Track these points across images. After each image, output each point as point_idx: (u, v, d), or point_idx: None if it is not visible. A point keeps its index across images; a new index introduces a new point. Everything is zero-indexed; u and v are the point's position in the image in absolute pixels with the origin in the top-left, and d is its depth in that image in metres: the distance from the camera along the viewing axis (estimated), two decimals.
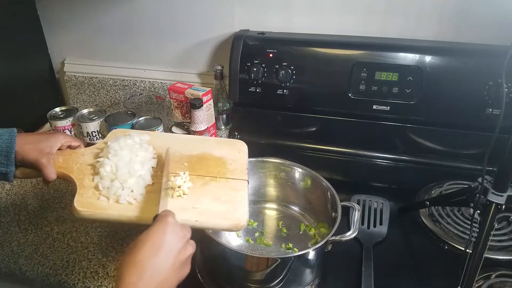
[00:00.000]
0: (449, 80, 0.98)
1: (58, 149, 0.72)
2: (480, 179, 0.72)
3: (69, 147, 0.75)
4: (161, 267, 0.51)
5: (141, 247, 0.51)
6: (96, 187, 0.66)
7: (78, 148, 0.75)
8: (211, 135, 1.12)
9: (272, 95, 1.09)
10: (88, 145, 0.78)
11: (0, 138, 0.66)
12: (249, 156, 0.79)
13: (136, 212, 0.64)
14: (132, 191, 0.65)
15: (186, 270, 0.56)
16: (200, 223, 0.63)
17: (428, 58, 0.98)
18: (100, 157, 0.71)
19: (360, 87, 1.03)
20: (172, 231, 0.54)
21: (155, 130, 0.99)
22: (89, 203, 0.64)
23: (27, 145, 0.68)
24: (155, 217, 0.57)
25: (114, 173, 0.67)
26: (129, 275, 0.49)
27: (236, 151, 0.79)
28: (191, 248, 0.57)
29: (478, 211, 0.73)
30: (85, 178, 0.68)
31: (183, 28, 1.23)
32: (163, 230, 0.53)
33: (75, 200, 0.64)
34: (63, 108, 1.09)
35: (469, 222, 0.86)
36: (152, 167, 0.71)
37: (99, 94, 1.40)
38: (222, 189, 0.69)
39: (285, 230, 0.86)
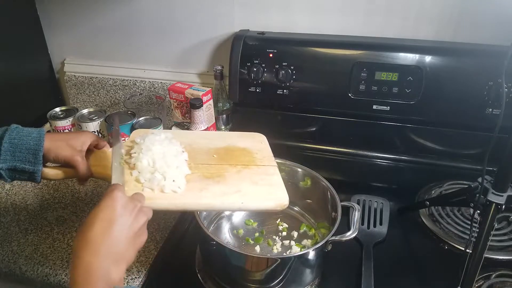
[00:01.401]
0: (449, 80, 0.98)
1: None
2: (480, 179, 0.72)
3: (95, 146, 0.74)
4: (115, 242, 0.51)
5: (92, 224, 0.51)
6: (137, 180, 0.67)
7: (105, 148, 0.75)
8: None
9: (272, 95, 1.09)
10: None
11: (28, 136, 0.64)
12: None
13: (183, 199, 0.66)
14: (173, 181, 0.67)
15: (143, 238, 0.56)
16: (245, 205, 0.67)
17: (428, 58, 0.98)
18: (133, 153, 0.71)
19: (360, 87, 1.03)
20: (121, 205, 0.54)
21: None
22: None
23: (58, 142, 0.67)
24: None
25: (152, 166, 0.68)
26: (84, 254, 0.49)
27: (258, 142, 0.84)
28: (144, 216, 0.57)
29: (478, 211, 0.73)
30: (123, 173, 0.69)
31: (183, 28, 1.23)
32: (111, 205, 0.53)
33: None
34: (63, 108, 1.09)
35: (469, 222, 0.86)
36: (185, 160, 0.73)
37: (99, 94, 1.40)
38: (257, 174, 0.73)
39: (285, 230, 0.86)
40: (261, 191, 0.69)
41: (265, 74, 1.08)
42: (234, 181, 0.71)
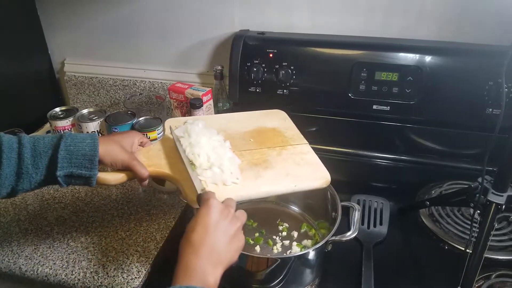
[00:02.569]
0: (449, 80, 0.98)
1: None
2: (480, 179, 0.72)
3: (140, 145, 0.75)
4: (213, 245, 0.56)
5: (194, 228, 0.56)
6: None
7: (147, 145, 0.76)
8: None
9: (272, 95, 1.09)
10: None
11: (83, 142, 0.65)
12: None
13: (245, 190, 0.67)
14: (231, 173, 0.68)
15: (240, 242, 0.60)
16: (298, 187, 0.70)
17: (428, 58, 0.98)
18: (185, 148, 0.71)
19: (360, 87, 1.03)
20: (217, 211, 0.58)
21: (155, 130, 0.99)
22: None
23: (111, 145, 0.68)
24: (198, 197, 0.61)
25: (208, 160, 0.69)
26: (186, 253, 0.55)
27: (282, 120, 0.87)
28: (238, 221, 0.60)
29: (478, 211, 0.73)
30: (182, 171, 0.69)
31: (183, 28, 1.23)
32: (208, 211, 0.58)
33: (188, 193, 0.65)
34: (63, 108, 1.09)
35: (469, 222, 0.86)
36: (229, 148, 0.74)
37: (99, 94, 1.40)
38: (295, 155, 0.76)
39: (285, 230, 0.86)
40: (306, 172, 0.72)
41: (265, 74, 1.08)
42: (280, 165, 0.73)
